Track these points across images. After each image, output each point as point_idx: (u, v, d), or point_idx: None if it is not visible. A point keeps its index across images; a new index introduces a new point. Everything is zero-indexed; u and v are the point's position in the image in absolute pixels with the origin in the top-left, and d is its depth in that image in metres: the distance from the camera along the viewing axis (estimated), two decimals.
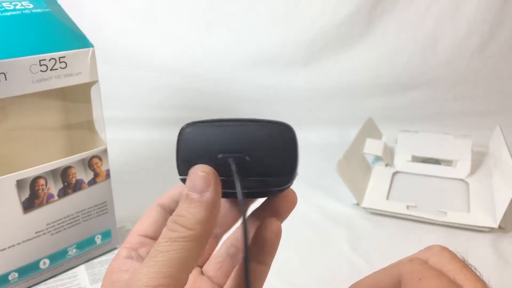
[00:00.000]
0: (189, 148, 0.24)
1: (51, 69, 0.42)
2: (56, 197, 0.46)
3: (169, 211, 0.27)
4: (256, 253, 0.26)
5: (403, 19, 0.92)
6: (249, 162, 0.23)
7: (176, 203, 0.25)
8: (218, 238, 0.29)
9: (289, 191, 0.26)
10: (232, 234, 0.29)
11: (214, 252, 0.29)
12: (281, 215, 0.26)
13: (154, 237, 0.27)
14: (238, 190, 0.23)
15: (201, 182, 0.22)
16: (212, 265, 0.29)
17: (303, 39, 0.92)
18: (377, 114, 0.77)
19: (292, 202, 0.26)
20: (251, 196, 0.25)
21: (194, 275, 0.28)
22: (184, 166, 0.24)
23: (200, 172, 0.22)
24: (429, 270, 0.22)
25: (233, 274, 0.28)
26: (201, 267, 0.29)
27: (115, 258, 0.26)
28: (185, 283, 0.21)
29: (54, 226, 0.46)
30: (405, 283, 0.22)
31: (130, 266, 0.25)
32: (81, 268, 0.50)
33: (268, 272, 0.27)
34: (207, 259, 0.29)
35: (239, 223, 0.28)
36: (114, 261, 0.25)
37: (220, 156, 0.23)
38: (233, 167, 0.23)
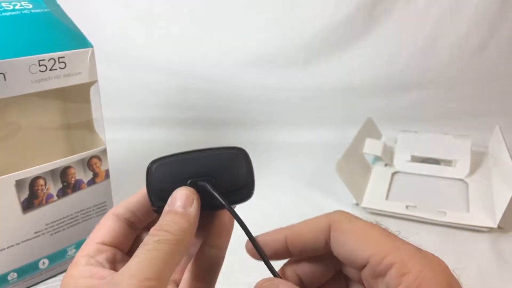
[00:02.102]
0: (159, 180, 0.28)
1: (50, 69, 0.42)
2: (55, 197, 0.46)
3: (123, 220, 0.29)
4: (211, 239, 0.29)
5: (403, 19, 0.91)
6: (216, 182, 0.28)
7: (132, 212, 0.28)
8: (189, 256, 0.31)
9: (226, 217, 0.29)
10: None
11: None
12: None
13: (111, 244, 0.27)
14: (221, 200, 0.27)
15: (185, 199, 0.26)
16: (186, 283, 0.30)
17: (303, 39, 0.92)
18: (377, 114, 0.77)
19: (227, 229, 0.29)
20: (218, 207, 0.28)
21: None
22: (156, 196, 0.28)
23: (185, 191, 0.26)
24: (355, 216, 0.25)
25: (189, 266, 0.29)
26: (177, 285, 0.30)
27: (72, 266, 0.26)
28: (166, 284, 0.23)
29: (53, 226, 0.46)
30: (335, 226, 0.25)
31: (93, 272, 0.25)
32: None
33: (223, 258, 0.29)
34: (181, 276, 0.30)
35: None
36: (73, 269, 0.26)
37: (189, 181, 0.27)
38: (208, 186, 0.27)
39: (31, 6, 0.43)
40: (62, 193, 0.46)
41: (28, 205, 0.44)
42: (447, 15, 0.91)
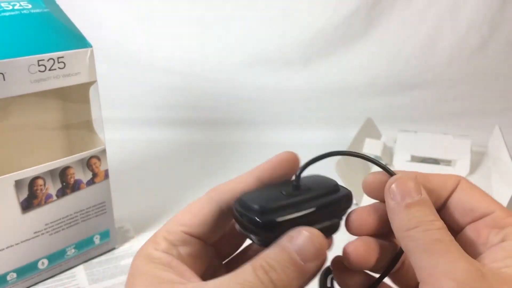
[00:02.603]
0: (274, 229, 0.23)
1: (49, 69, 0.42)
2: (54, 197, 0.46)
3: (224, 208, 0.25)
4: None
5: (403, 19, 0.91)
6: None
7: (231, 195, 0.25)
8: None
9: None
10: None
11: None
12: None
13: (198, 236, 0.25)
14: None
15: (312, 251, 0.22)
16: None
17: (303, 39, 0.92)
18: (377, 114, 0.77)
19: None
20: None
21: None
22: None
23: (315, 238, 0.22)
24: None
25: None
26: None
27: (151, 244, 0.24)
28: None
29: (52, 226, 0.46)
30: (466, 182, 0.26)
31: (171, 263, 0.23)
32: (80, 268, 0.50)
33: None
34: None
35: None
36: (151, 247, 0.24)
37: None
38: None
39: (30, 6, 0.43)
40: (62, 193, 0.46)
41: (27, 205, 0.44)
42: (447, 15, 0.91)
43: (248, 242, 0.28)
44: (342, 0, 0.90)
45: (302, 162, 0.27)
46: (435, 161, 0.69)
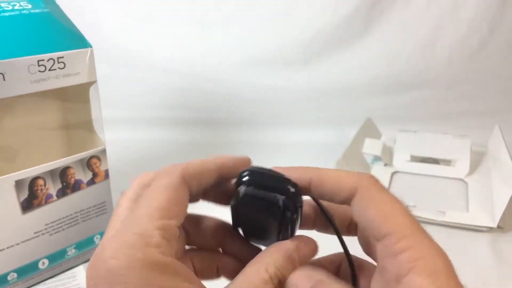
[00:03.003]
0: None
1: (49, 70, 0.42)
2: (55, 197, 0.46)
3: (191, 187, 0.25)
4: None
5: (403, 19, 0.91)
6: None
7: (200, 178, 0.25)
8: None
9: None
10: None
11: None
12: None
13: (180, 224, 0.23)
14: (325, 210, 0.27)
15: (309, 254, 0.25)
16: None
17: (303, 39, 0.92)
18: (376, 114, 0.77)
19: None
20: None
21: None
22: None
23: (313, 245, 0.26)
24: (383, 186, 0.25)
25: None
26: None
27: (146, 246, 0.21)
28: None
29: (53, 226, 0.46)
30: (363, 191, 0.24)
31: (179, 270, 0.22)
32: (80, 268, 0.50)
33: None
34: None
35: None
36: (152, 251, 0.21)
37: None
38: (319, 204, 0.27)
39: (30, 6, 0.44)
40: (62, 193, 0.46)
41: (27, 205, 0.44)
42: (447, 15, 0.91)
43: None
44: (342, 0, 0.90)
45: (302, 162, 0.27)
46: (435, 161, 0.69)
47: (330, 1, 0.90)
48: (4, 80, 0.39)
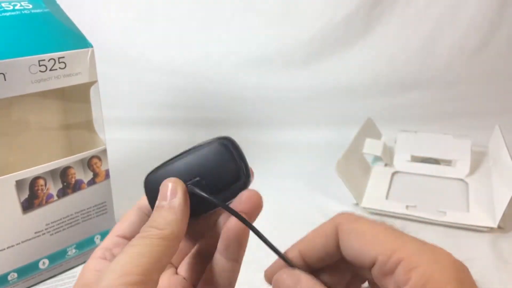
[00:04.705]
0: (154, 190, 0.27)
1: (50, 70, 0.42)
2: (55, 197, 0.46)
3: (147, 213, 0.28)
4: (225, 250, 0.27)
5: (403, 19, 0.92)
6: (206, 182, 0.27)
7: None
8: (193, 242, 0.30)
9: (253, 194, 0.27)
10: (204, 238, 0.30)
11: (189, 254, 0.30)
12: (249, 217, 0.27)
13: (130, 238, 0.26)
14: (212, 199, 0.26)
15: (169, 191, 0.26)
16: (185, 265, 0.29)
17: (303, 39, 0.92)
18: (377, 114, 0.77)
19: (256, 205, 0.27)
20: (214, 207, 0.28)
21: (168, 275, 0.29)
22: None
23: (168, 183, 0.26)
24: (360, 216, 0.25)
25: (204, 275, 0.28)
26: (176, 267, 0.29)
27: (91, 258, 0.26)
28: (156, 283, 0.23)
29: (53, 226, 0.46)
30: (341, 228, 0.24)
31: (103, 266, 0.25)
32: (80, 268, 0.50)
33: (239, 269, 0.28)
34: (182, 260, 0.30)
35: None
36: (89, 260, 0.26)
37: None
38: (195, 189, 0.26)
39: (31, 6, 0.44)
40: (62, 193, 0.46)
41: (28, 205, 0.44)
42: (447, 15, 0.91)
43: None
44: (342, 0, 0.90)
45: (302, 162, 0.27)
46: (435, 161, 0.69)
47: (330, 1, 0.90)
48: (5, 80, 0.39)
